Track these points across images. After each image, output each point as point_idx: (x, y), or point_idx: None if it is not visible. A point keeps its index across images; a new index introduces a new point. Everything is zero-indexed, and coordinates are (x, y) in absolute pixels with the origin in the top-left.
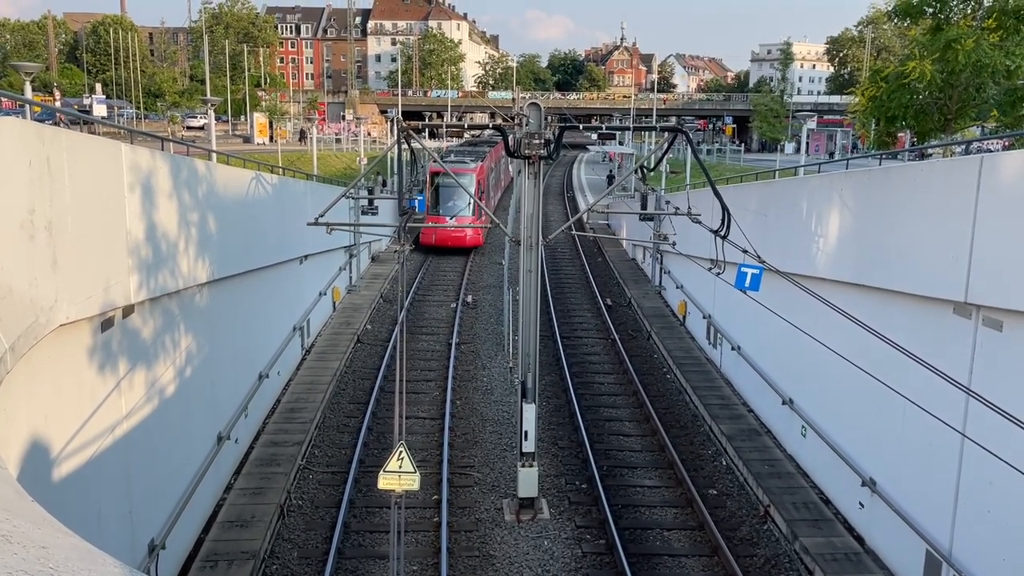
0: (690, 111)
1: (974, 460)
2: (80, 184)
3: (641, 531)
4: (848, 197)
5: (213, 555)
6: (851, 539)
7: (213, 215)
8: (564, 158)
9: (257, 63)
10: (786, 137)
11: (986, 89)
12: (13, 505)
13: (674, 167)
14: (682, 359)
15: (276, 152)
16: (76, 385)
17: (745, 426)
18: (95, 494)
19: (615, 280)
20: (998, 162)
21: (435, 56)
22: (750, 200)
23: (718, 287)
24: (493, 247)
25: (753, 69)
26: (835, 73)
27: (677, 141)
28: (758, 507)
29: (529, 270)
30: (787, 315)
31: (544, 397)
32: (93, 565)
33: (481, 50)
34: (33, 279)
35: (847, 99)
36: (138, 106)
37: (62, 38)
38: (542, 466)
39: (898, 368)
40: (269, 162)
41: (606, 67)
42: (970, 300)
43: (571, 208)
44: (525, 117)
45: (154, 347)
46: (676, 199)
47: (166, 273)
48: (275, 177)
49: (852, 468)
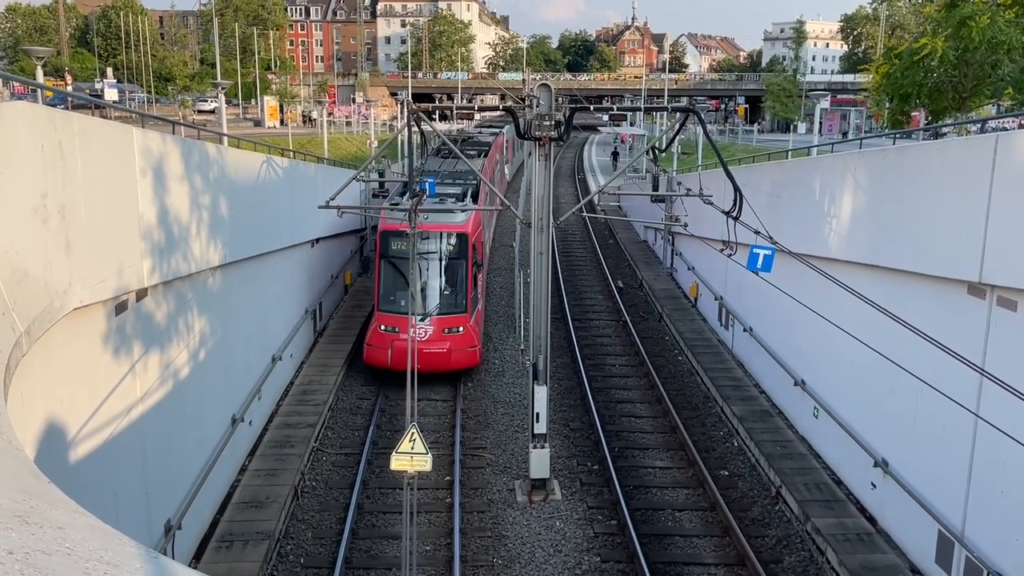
0: (702, 91)
1: (987, 441)
2: (92, 168)
3: (652, 512)
4: (862, 177)
5: (228, 535)
6: (863, 520)
7: (224, 199)
8: (575, 140)
9: (267, 46)
10: (799, 117)
11: (1001, 66)
12: (30, 486)
13: (686, 148)
14: (694, 341)
15: (287, 135)
16: (91, 368)
17: (757, 407)
18: (111, 476)
19: (626, 262)
20: (1014, 141)
21: (445, 38)
22: (762, 181)
23: (730, 268)
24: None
25: (766, 48)
26: (849, 52)
27: (689, 122)
28: (770, 488)
29: (540, 252)
30: (799, 296)
31: (556, 379)
32: (109, 545)
33: (491, 31)
34: (47, 263)
35: (861, 78)
36: (149, 90)
37: (73, 22)
38: (554, 447)
39: (911, 349)
40: (280, 145)
41: (617, 47)
42: (984, 280)
43: (582, 190)
44: (536, 98)
45: (168, 330)
46: (688, 180)
47: (179, 257)
48: (286, 160)
49: (864, 449)
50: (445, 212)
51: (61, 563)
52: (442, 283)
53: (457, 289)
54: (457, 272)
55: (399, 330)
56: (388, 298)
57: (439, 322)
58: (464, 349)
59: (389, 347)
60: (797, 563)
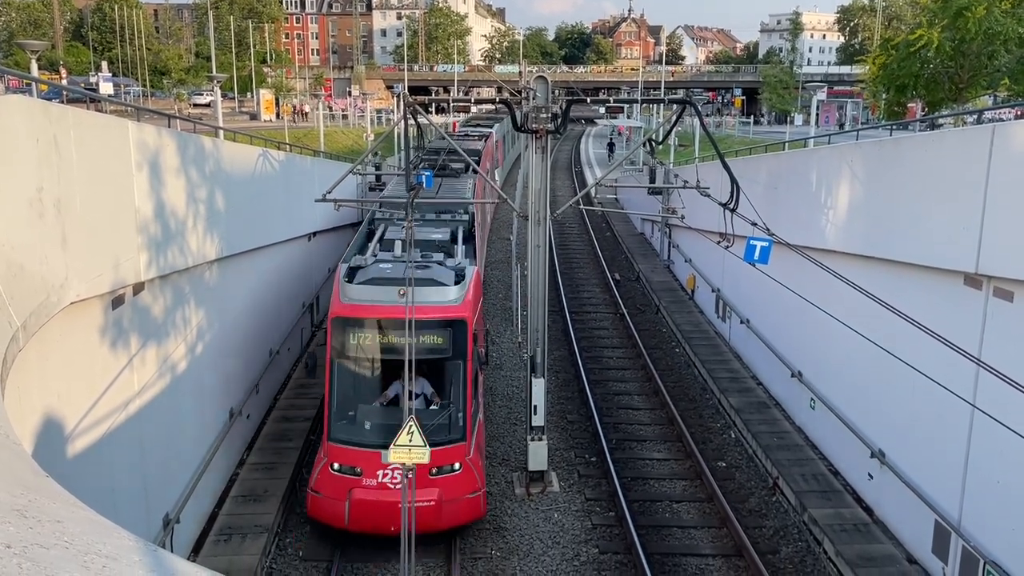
0: (699, 83)
1: (984, 431)
2: (88, 162)
3: (650, 503)
4: (858, 168)
5: (227, 529)
6: (860, 510)
7: (221, 192)
8: (572, 132)
9: (262, 39)
10: (796, 109)
11: (998, 57)
12: (28, 481)
13: (683, 140)
14: (691, 333)
15: (283, 129)
16: (88, 362)
17: (754, 399)
18: (109, 470)
19: (624, 254)
20: (1010, 131)
21: (441, 30)
22: (759, 172)
23: (727, 260)
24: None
25: (762, 40)
26: (845, 43)
27: (685, 114)
28: (767, 479)
29: (537, 245)
30: (797, 288)
31: (553, 372)
32: (108, 538)
33: (487, 24)
34: (43, 257)
35: (858, 69)
36: (144, 84)
37: (67, 16)
38: (551, 440)
39: (908, 340)
40: (276, 139)
41: (614, 40)
42: (981, 271)
43: (579, 183)
44: (532, 91)
45: (165, 324)
46: (685, 172)
47: (175, 250)
48: (282, 154)
49: (861, 440)
50: (428, 284)
51: (60, 556)
52: (428, 397)
53: (451, 406)
54: (450, 380)
55: (362, 472)
56: (345, 422)
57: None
58: (461, 498)
59: (346, 498)
60: (794, 553)
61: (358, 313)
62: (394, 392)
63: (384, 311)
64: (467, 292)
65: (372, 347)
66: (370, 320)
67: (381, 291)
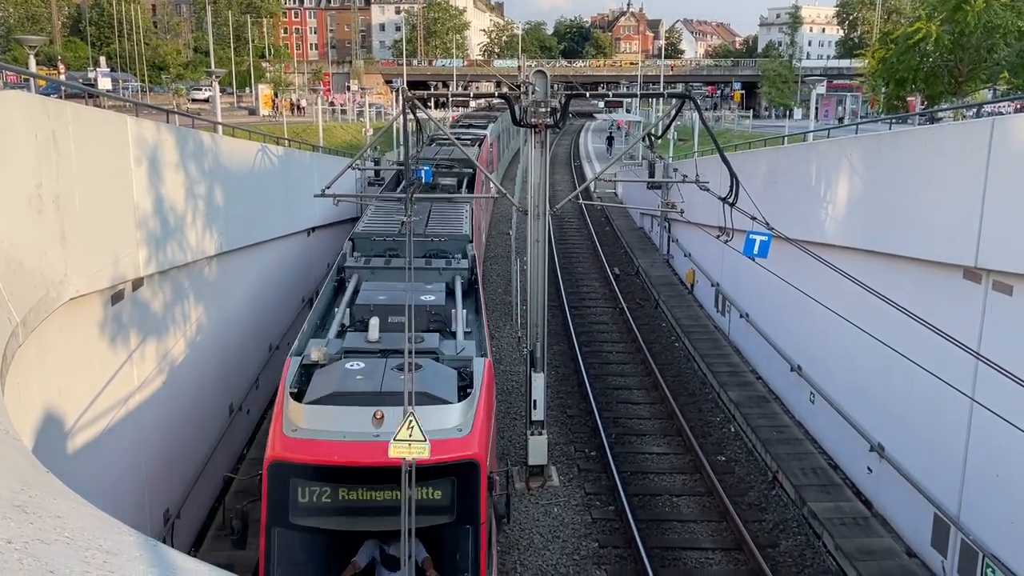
0: (698, 77)
1: (983, 425)
2: (87, 158)
3: (650, 497)
4: (857, 162)
5: (228, 524)
6: (859, 504)
7: (220, 187)
8: (571, 127)
9: (261, 34)
10: (795, 102)
11: (997, 50)
12: (29, 476)
13: (682, 135)
14: (690, 327)
15: (282, 124)
16: (88, 358)
17: (753, 393)
18: (109, 465)
19: (623, 249)
20: (1009, 125)
21: (440, 25)
22: (759, 167)
23: (726, 255)
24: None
25: (762, 34)
26: (845, 37)
27: (685, 108)
28: (766, 473)
29: (536, 240)
30: (796, 282)
31: (552, 366)
32: (108, 534)
33: (486, 18)
34: (43, 253)
35: (857, 63)
36: (142, 79)
37: (65, 11)
38: (551, 434)
39: (907, 334)
40: (275, 134)
41: (613, 34)
42: (980, 265)
43: (578, 177)
44: (531, 85)
45: (164, 320)
46: (684, 167)
47: (175, 246)
48: (280, 149)
49: (860, 434)
50: (421, 402)
51: (60, 552)
52: (419, 564)
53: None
54: (452, 555)
55: None
56: None
57: None
58: None
59: None
60: (794, 547)
61: (309, 457)
62: (366, 558)
63: (351, 452)
64: (476, 410)
65: (327, 504)
66: (328, 469)
67: (347, 417)
